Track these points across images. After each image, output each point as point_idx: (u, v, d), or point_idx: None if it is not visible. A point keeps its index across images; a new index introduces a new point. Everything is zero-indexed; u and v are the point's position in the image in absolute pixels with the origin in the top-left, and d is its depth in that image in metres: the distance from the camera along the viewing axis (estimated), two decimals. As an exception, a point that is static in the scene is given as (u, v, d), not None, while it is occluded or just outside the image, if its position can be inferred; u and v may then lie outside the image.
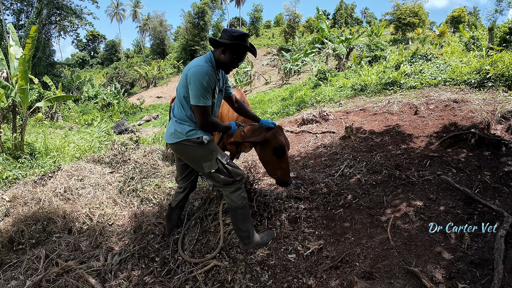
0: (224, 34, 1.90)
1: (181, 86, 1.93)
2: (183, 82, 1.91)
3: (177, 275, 2.11)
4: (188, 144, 1.97)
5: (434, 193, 2.52)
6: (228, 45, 1.85)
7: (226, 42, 1.84)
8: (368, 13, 59.31)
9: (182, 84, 1.93)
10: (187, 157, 2.07)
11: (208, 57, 1.91)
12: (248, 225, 2.14)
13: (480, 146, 3.17)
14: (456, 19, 30.84)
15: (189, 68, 1.86)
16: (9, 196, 3.14)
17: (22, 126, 4.93)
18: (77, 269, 2.15)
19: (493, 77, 5.47)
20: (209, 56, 1.92)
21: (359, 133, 4.41)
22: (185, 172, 2.32)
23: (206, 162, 1.99)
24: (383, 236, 2.14)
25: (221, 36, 1.91)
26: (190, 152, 2.01)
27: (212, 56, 1.92)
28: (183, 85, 1.91)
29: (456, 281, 1.67)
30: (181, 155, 2.09)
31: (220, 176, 2.02)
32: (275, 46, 35.97)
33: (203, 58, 1.90)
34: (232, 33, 1.87)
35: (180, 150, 2.03)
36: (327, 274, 1.89)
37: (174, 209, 2.44)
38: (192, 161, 2.06)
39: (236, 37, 1.85)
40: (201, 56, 1.93)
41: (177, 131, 1.97)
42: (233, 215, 2.13)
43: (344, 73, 11.17)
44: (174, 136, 1.99)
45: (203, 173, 2.06)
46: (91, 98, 21.62)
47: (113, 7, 53.49)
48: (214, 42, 1.90)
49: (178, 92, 1.99)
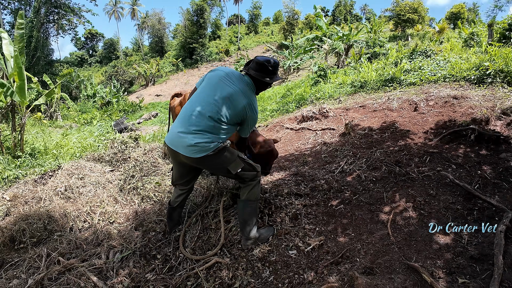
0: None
1: (227, 107, 1.89)
2: (233, 106, 1.90)
3: (179, 272, 2.12)
4: (212, 154, 1.90)
5: (434, 189, 2.53)
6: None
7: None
8: (368, 10, 59.09)
9: (230, 107, 1.89)
10: (211, 167, 2.03)
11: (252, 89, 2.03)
12: (254, 219, 2.16)
13: (480, 142, 3.18)
14: (455, 16, 30.76)
15: (249, 100, 1.93)
16: (10, 195, 3.15)
17: (21, 125, 4.92)
18: (78, 267, 2.16)
19: (493, 73, 5.46)
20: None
21: (358, 130, 4.42)
22: (186, 177, 2.27)
23: (231, 164, 1.98)
24: (383, 231, 2.15)
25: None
26: (215, 161, 1.95)
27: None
28: (234, 111, 1.90)
29: (456, 276, 1.68)
30: (203, 165, 2.02)
31: (247, 173, 2.06)
32: (274, 43, 35.90)
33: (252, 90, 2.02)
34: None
35: (204, 162, 1.94)
36: (328, 270, 1.90)
37: (174, 208, 2.44)
38: (217, 169, 2.04)
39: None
40: (249, 89, 1.99)
41: (200, 144, 1.85)
42: (243, 207, 2.13)
43: (344, 70, 11.15)
44: (198, 150, 1.86)
45: (228, 176, 2.07)
46: (90, 97, 21.56)
47: (111, 5, 53.13)
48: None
49: (217, 110, 1.89)
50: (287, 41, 28.24)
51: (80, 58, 51.51)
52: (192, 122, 1.89)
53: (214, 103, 1.89)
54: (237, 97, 1.89)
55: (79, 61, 50.10)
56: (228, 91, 1.90)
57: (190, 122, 1.89)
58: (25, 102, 4.90)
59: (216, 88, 1.93)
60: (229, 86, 1.92)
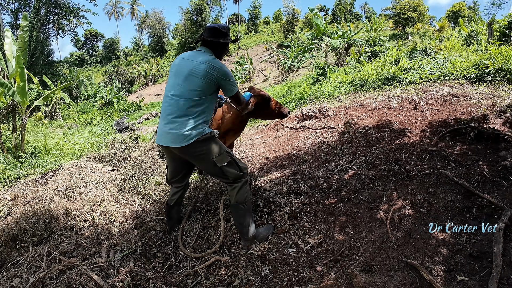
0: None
1: (193, 80, 1.94)
2: (197, 76, 1.94)
3: (179, 270, 2.13)
4: (200, 141, 1.92)
5: (433, 187, 2.53)
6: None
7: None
8: (368, 8, 58.91)
9: (194, 78, 1.94)
10: (198, 156, 2.00)
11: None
12: (249, 220, 2.14)
13: (479, 140, 3.18)
14: (455, 14, 30.70)
15: (209, 62, 1.96)
16: (11, 195, 3.17)
17: (22, 126, 4.93)
18: (79, 265, 2.17)
19: (493, 71, 5.45)
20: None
21: (358, 128, 4.42)
22: (180, 173, 2.29)
23: (218, 157, 1.98)
24: (382, 229, 2.16)
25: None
26: (201, 149, 1.95)
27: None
28: (200, 78, 1.93)
29: (455, 274, 1.68)
30: (190, 155, 2.00)
31: (231, 171, 2.02)
32: (274, 42, 35.85)
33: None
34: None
35: (190, 150, 1.96)
36: (327, 268, 1.91)
37: (172, 207, 2.45)
38: (202, 159, 2.01)
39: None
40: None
41: (187, 131, 1.90)
42: (235, 211, 2.11)
43: (344, 68, 11.15)
44: (185, 138, 1.90)
45: (213, 170, 2.03)
46: (90, 97, 21.58)
47: (111, 5, 53.16)
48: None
49: (185, 89, 1.95)
50: (287, 41, 28.20)
51: (80, 58, 51.55)
52: (168, 111, 1.98)
53: (181, 84, 1.98)
54: (197, 66, 1.96)
55: (79, 61, 50.13)
56: (187, 68, 1.99)
57: (167, 112, 1.98)
58: (25, 102, 4.91)
59: (177, 73, 2.03)
60: (187, 64, 2.00)
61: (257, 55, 33.58)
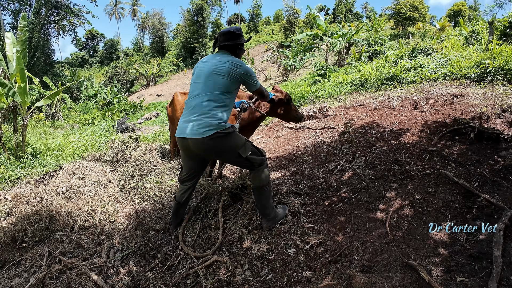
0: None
1: (216, 79, 2.05)
2: (219, 73, 2.05)
3: (178, 270, 2.13)
4: (222, 136, 2.00)
5: (433, 187, 2.53)
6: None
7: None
8: (368, 8, 58.81)
9: (217, 77, 2.05)
10: (222, 150, 2.06)
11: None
12: (271, 202, 2.28)
13: (479, 140, 3.17)
14: (456, 13, 30.63)
15: (231, 61, 2.09)
16: (12, 196, 3.17)
17: (23, 126, 4.94)
18: (79, 265, 2.18)
19: (493, 71, 5.44)
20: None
21: (358, 128, 4.42)
22: (195, 172, 2.34)
23: (241, 148, 2.07)
24: (382, 230, 2.16)
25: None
26: (225, 144, 2.03)
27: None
28: (223, 76, 2.04)
29: (454, 274, 1.68)
30: (214, 150, 2.05)
31: (255, 158, 2.14)
32: (274, 43, 35.86)
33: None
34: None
35: (215, 144, 2.00)
36: (326, 268, 1.91)
37: (181, 205, 2.46)
38: (227, 152, 2.09)
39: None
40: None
41: (208, 124, 1.97)
42: (261, 193, 2.22)
43: (344, 68, 11.14)
44: (208, 129, 1.97)
45: (238, 161, 2.15)
46: (91, 97, 21.62)
47: (111, 5, 53.28)
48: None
49: (208, 87, 2.05)
50: (287, 40, 28.15)
51: (81, 58, 51.63)
52: (191, 109, 2.07)
53: (204, 83, 2.08)
54: (219, 65, 2.07)
55: (80, 62, 50.21)
56: (209, 68, 2.10)
57: (192, 112, 2.05)
58: (26, 103, 4.92)
59: (200, 74, 2.14)
60: (209, 65, 2.12)
61: (257, 55, 33.60)
